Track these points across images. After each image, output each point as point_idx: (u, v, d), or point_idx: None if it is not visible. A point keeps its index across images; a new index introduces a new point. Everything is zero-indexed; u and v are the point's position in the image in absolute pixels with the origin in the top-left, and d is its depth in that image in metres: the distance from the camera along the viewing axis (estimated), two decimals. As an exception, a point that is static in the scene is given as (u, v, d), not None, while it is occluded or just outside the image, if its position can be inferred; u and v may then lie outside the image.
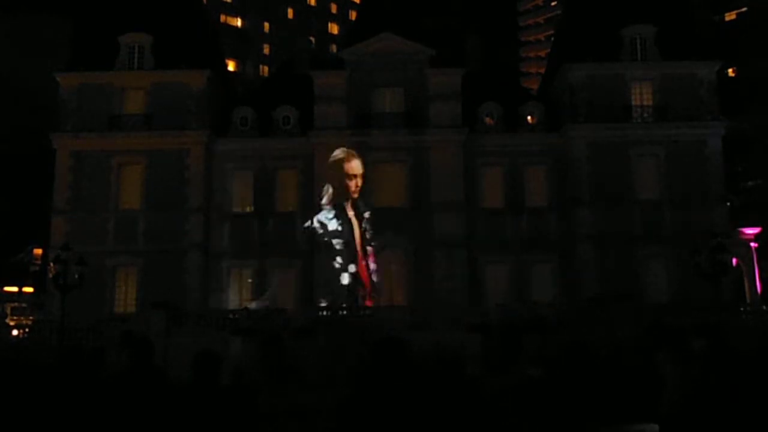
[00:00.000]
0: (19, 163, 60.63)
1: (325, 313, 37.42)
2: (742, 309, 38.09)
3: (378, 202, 42.86)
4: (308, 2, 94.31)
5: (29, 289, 62.16)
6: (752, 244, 43.69)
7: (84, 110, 43.98)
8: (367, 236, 42.49)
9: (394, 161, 43.72)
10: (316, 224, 42.59)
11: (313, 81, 44.77)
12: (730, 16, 77.58)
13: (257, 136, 45.08)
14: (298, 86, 45.49)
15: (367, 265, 42.31)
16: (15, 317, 52.24)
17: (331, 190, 42.57)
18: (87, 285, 34.06)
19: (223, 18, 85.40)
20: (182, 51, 44.23)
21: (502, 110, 44.93)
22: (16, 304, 59.74)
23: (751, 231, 44.33)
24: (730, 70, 67.60)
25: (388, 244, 42.59)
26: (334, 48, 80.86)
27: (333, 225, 42.58)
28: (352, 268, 42.15)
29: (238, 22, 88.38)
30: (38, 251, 61.83)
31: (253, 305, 40.50)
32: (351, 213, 42.91)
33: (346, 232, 42.49)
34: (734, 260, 40.66)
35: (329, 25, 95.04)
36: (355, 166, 43.06)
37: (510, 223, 43.72)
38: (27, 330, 38.23)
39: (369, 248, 42.47)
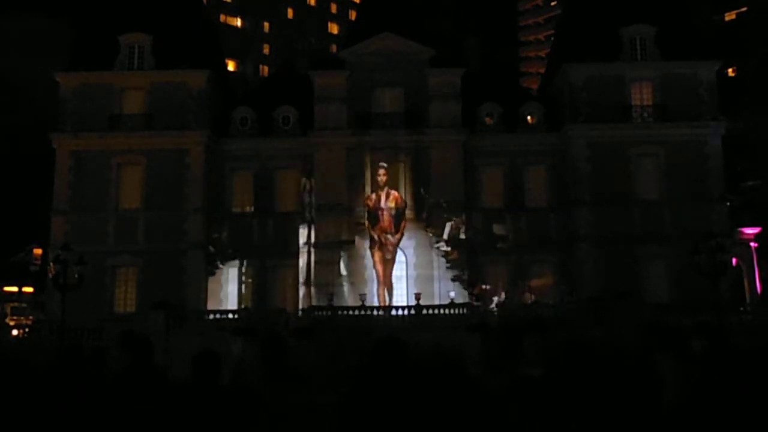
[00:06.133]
0: (19, 163, 60.58)
1: (325, 313, 37.45)
2: (742, 309, 38.10)
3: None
4: (308, 2, 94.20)
5: (29, 289, 62.08)
6: (752, 244, 43.75)
7: (84, 110, 43.99)
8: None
9: (394, 161, 43.72)
10: None
11: (313, 81, 44.78)
12: (730, 16, 77.42)
13: (257, 136, 45.11)
14: (298, 86, 45.50)
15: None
16: (15, 317, 52.16)
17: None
18: (87, 285, 34.08)
19: (223, 18, 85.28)
20: (182, 51, 44.23)
21: (502, 110, 44.94)
22: (16, 304, 59.68)
23: (751, 231, 44.39)
24: (730, 70, 67.48)
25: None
26: (334, 48, 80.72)
27: None
28: None
29: (238, 22, 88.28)
30: (38, 251, 61.69)
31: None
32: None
33: None
34: (734, 260, 40.68)
35: (329, 25, 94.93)
36: None
37: (510, 223, 43.72)
38: (27, 330, 38.22)
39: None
